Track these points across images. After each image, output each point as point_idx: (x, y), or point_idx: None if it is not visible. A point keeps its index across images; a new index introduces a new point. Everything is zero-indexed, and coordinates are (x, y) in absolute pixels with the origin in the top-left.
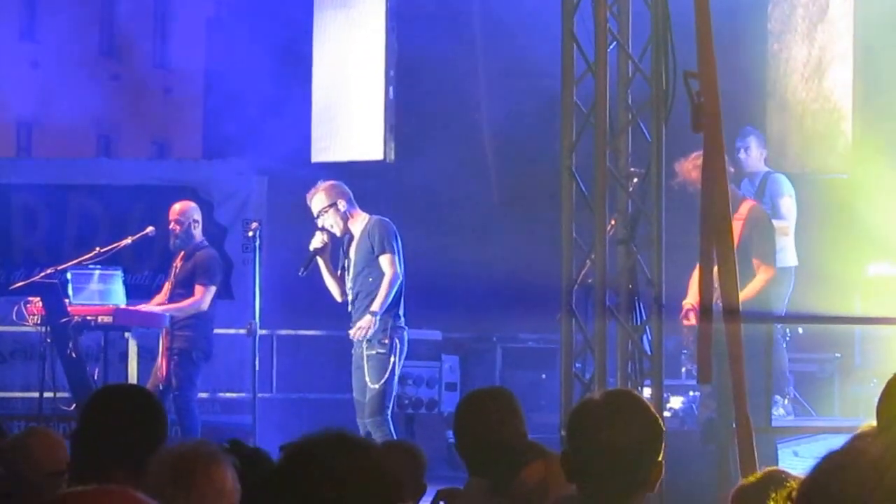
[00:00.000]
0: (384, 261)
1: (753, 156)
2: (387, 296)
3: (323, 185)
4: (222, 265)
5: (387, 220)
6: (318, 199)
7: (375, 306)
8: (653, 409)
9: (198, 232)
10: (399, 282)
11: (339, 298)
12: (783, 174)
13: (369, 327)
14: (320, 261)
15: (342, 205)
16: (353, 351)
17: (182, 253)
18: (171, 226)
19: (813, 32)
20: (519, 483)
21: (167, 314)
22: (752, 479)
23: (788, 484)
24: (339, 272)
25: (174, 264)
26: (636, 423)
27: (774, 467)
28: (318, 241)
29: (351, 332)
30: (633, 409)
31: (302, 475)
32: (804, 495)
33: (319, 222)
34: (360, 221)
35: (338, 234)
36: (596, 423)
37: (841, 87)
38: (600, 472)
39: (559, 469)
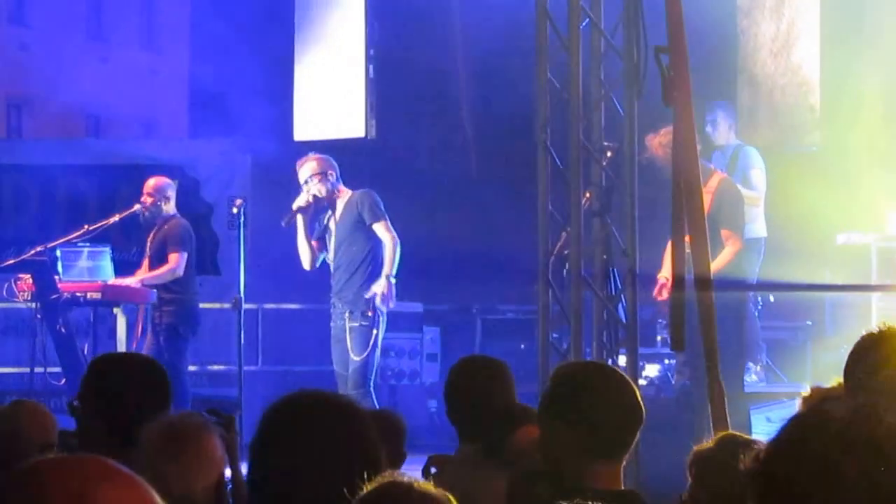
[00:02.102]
0: (379, 228)
1: (721, 129)
2: (394, 258)
3: (314, 155)
4: (192, 233)
5: (370, 190)
6: (308, 167)
7: (387, 269)
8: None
9: (168, 206)
10: (400, 244)
11: (307, 266)
12: (753, 147)
13: (384, 291)
14: (300, 221)
15: (332, 176)
16: (331, 324)
17: (153, 228)
18: (143, 198)
19: (781, 7)
20: (510, 446)
21: (154, 290)
22: (707, 444)
23: (756, 446)
24: (313, 241)
25: (147, 240)
26: (619, 392)
27: (728, 432)
28: (302, 199)
29: (367, 295)
30: (615, 378)
31: (284, 435)
32: (772, 458)
33: (306, 188)
34: (344, 196)
35: (322, 192)
36: (581, 393)
37: (809, 61)
38: (585, 440)
39: None
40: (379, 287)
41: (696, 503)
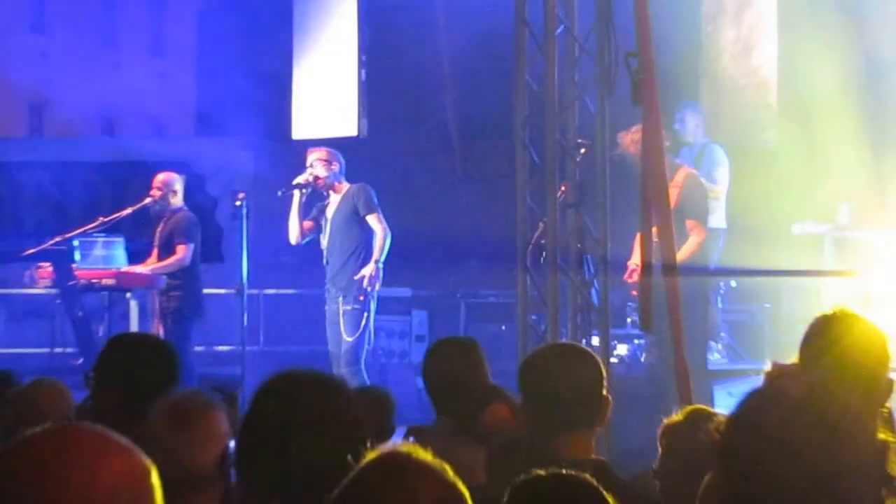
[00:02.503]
0: (372, 219)
1: (689, 127)
2: (383, 246)
3: (328, 148)
4: (198, 224)
5: (366, 185)
6: (318, 153)
7: (377, 255)
8: (591, 352)
9: (175, 199)
10: (390, 235)
11: (293, 240)
12: (719, 145)
13: (371, 273)
14: (295, 197)
15: (336, 166)
16: (326, 308)
17: (162, 220)
18: (152, 192)
19: (741, 15)
20: (481, 422)
21: (163, 276)
22: (677, 417)
23: (716, 418)
24: (306, 221)
25: (156, 231)
26: (576, 369)
27: (698, 405)
28: (302, 178)
29: (356, 276)
30: (574, 357)
31: (275, 410)
32: (732, 429)
33: (310, 170)
34: (342, 190)
35: (321, 180)
36: (541, 373)
37: (767, 64)
38: (549, 415)
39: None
40: (367, 270)
41: (666, 472)
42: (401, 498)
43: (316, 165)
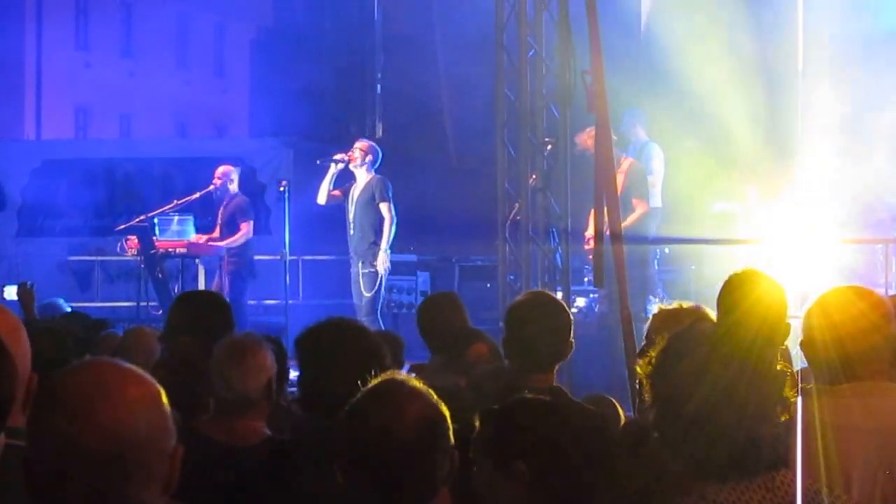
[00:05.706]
0: (384, 207)
1: (634, 128)
2: (390, 234)
3: (371, 143)
4: (252, 206)
5: (384, 177)
6: (361, 144)
7: (384, 244)
8: (564, 306)
9: (233, 186)
10: (395, 221)
11: (320, 201)
12: (657, 143)
13: (385, 261)
14: (331, 168)
15: (370, 158)
16: (351, 270)
17: (223, 204)
18: (214, 181)
19: None
20: (466, 358)
21: (225, 246)
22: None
23: (648, 354)
24: (335, 190)
25: (219, 211)
26: (552, 316)
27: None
28: (340, 156)
29: (377, 265)
30: (550, 305)
31: (320, 346)
32: (660, 363)
33: (349, 152)
34: (368, 178)
35: (354, 161)
36: (524, 316)
37: None
38: (528, 351)
39: (495, 348)
40: (379, 260)
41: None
42: (389, 414)
43: (355, 150)
